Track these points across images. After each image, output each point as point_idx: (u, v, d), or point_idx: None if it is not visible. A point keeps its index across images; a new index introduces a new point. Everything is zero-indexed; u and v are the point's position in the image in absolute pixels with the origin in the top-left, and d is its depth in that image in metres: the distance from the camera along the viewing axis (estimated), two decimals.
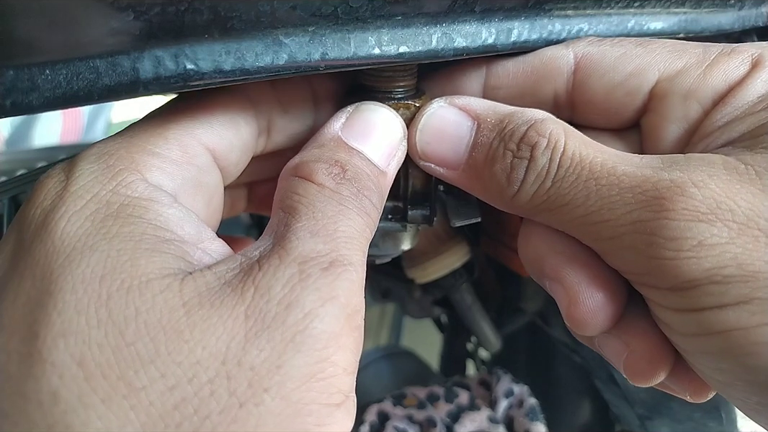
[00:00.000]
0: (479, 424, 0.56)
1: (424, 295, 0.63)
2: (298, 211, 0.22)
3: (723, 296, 0.19)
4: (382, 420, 0.57)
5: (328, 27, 0.22)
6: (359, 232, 0.22)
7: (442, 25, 0.25)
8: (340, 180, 0.23)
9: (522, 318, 0.65)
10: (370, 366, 0.75)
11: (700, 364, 0.22)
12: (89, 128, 1.49)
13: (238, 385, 0.17)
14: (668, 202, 0.20)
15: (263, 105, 0.27)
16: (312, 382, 0.18)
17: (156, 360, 0.17)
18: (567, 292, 0.24)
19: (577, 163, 0.23)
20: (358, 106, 0.27)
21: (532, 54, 0.28)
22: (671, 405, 0.56)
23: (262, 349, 0.18)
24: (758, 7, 0.32)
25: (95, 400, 0.17)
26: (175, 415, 0.17)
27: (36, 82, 0.19)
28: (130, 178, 0.21)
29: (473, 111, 0.27)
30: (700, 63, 0.25)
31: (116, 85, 0.20)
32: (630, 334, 0.24)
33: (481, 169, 0.26)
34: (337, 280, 0.20)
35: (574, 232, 0.24)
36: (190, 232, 0.21)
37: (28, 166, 0.69)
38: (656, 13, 0.29)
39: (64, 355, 0.17)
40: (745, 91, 0.24)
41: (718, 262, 0.19)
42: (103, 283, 0.18)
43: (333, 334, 0.19)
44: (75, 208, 0.20)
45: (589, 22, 0.28)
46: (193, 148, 0.24)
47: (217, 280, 0.19)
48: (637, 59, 0.26)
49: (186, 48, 0.20)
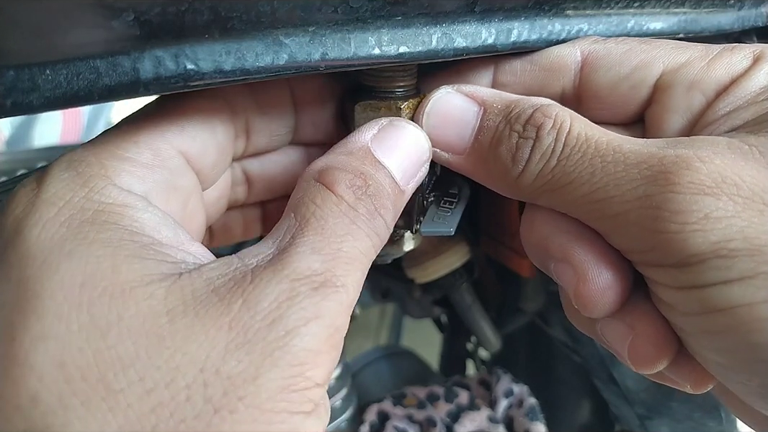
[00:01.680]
0: (479, 423, 0.56)
1: (424, 295, 0.63)
2: (309, 224, 0.22)
3: (729, 271, 0.19)
4: (382, 420, 0.57)
5: (328, 27, 0.22)
6: (363, 253, 0.23)
7: (442, 25, 0.25)
8: (360, 195, 0.23)
9: (522, 318, 0.65)
10: (370, 366, 0.75)
11: (702, 346, 0.22)
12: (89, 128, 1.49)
13: (214, 393, 0.18)
14: (674, 176, 0.20)
15: (239, 107, 0.27)
16: (285, 394, 0.19)
17: (136, 363, 0.17)
18: (575, 269, 0.24)
19: (583, 142, 0.23)
20: (392, 120, 0.27)
21: (539, 52, 0.28)
22: (671, 405, 0.56)
23: (241, 361, 0.18)
24: (758, 7, 0.32)
25: (75, 402, 0.17)
26: (152, 417, 0.17)
27: (36, 82, 0.19)
28: (101, 183, 0.21)
29: (480, 97, 0.27)
30: (704, 57, 0.26)
31: (116, 85, 0.20)
32: (634, 317, 0.24)
33: (486, 152, 0.26)
34: (324, 301, 0.20)
35: (578, 211, 0.24)
36: (167, 236, 0.21)
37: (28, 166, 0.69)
38: (656, 14, 0.29)
39: (43, 358, 0.17)
40: (748, 83, 0.24)
41: (725, 235, 0.19)
42: (84, 290, 0.18)
43: (311, 352, 0.19)
44: (48, 215, 0.20)
45: (589, 22, 0.28)
46: (165, 151, 0.24)
47: (207, 286, 0.19)
48: (642, 54, 0.26)
49: (186, 48, 0.20)
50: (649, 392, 0.56)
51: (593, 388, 0.63)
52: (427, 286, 0.58)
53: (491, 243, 0.53)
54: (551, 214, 0.25)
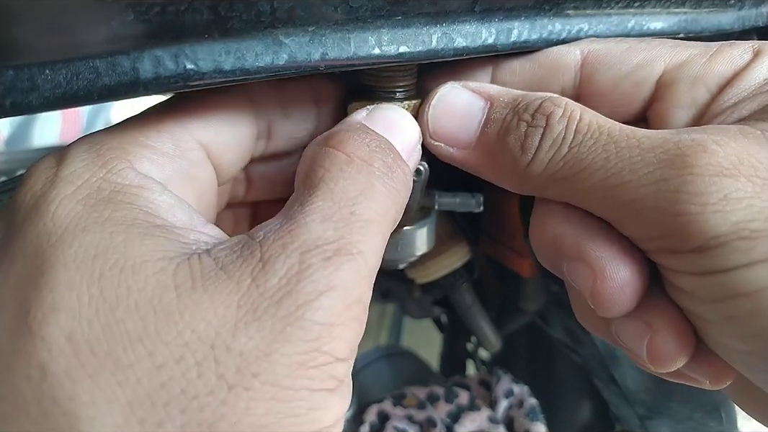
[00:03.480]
0: (479, 424, 0.56)
1: (424, 295, 0.63)
2: (318, 190, 0.21)
3: (751, 252, 0.19)
4: (382, 420, 0.57)
5: (328, 27, 0.22)
6: (381, 213, 0.22)
7: (442, 25, 0.25)
8: (375, 148, 0.23)
9: (522, 318, 0.65)
10: (370, 366, 0.75)
11: (724, 335, 0.21)
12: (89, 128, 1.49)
13: (226, 370, 0.17)
14: (691, 159, 0.20)
15: (264, 107, 0.27)
16: (302, 370, 0.18)
17: (144, 338, 0.17)
18: (592, 267, 0.23)
19: (595, 129, 0.23)
20: (378, 105, 0.27)
21: (538, 52, 0.28)
22: (671, 405, 0.56)
23: (252, 338, 0.18)
24: (758, 7, 0.32)
25: (83, 374, 0.17)
26: (162, 393, 0.17)
27: (36, 81, 0.19)
28: (120, 165, 0.21)
29: (486, 92, 0.27)
30: (705, 53, 0.26)
31: (116, 85, 0.20)
32: (652, 314, 0.23)
33: (494, 144, 0.26)
34: (338, 271, 0.19)
35: (591, 199, 0.23)
36: (182, 218, 0.21)
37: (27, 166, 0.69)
38: (656, 13, 0.29)
39: (54, 330, 0.17)
40: (751, 74, 0.24)
41: (745, 215, 0.19)
42: (96, 262, 0.18)
43: (325, 326, 0.19)
44: (66, 192, 0.20)
45: (589, 22, 0.28)
46: (186, 142, 0.24)
47: (215, 264, 0.19)
48: (643, 52, 0.26)
49: (186, 48, 0.20)
50: (649, 392, 0.56)
51: (593, 389, 0.63)
52: (427, 286, 0.58)
53: (491, 243, 0.53)
54: (562, 213, 0.25)
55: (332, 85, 0.30)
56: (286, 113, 0.28)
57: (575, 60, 0.28)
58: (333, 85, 0.30)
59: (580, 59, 0.28)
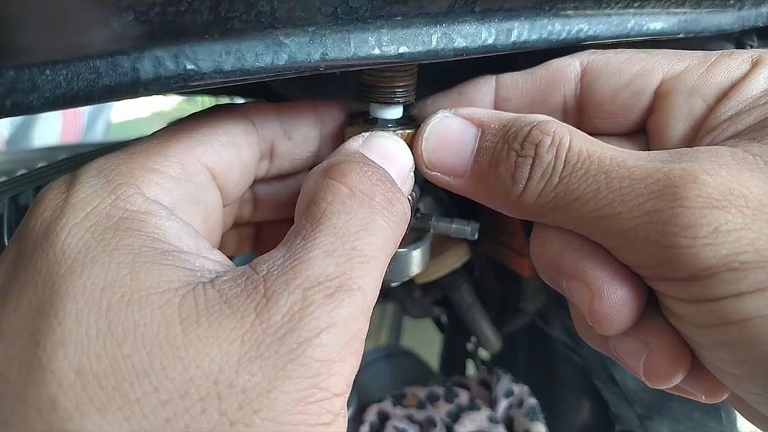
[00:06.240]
0: (479, 424, 0.56)
1: (424, 295, 0.63)
2: (321, 224, 0.22)
3: (741, 284, 0.19)
4: (382, 420, 0.57)
5: (328, 27, 0.22)
6: (381, 248, 0.22)
7: (442, 25, 0.25)
8: (376, 181, 0.23)
9: (522, 318, 0.65)
10: (370, 366, 0.75)
11: (715, 358, 0.21)
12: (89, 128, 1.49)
13: (228, 406, 0.18)
14: (681, 190, 0.20)
15: (266, 129, 0.28)
16: (301, 406, 0.19)
17: (151, 374, 0.18)
18: (589, 287, 0.23)
19: (585, 158, 0.23)
20: (373, 133, 0.28)
21: (539, 66, 0.29)
22: (671, 405, 0.56)
23: (254, 375, 0.18)
24: (758, 7, 0.32)
25: (91, 409, 0.17)
26: (167, 428, 0.17)
27: (36, 82, 0.19)
28: (128, 192, 0.21)
29: (477, 119, 0.27)
30: (702, 63, 0.26)
31: (116, 85, 0.20)
32: (648, 333, 0.23)
33: (486, 173, 0.26)
34: (338, 308, 0.20)
35: (585, 228, 0.24)
36: (188, 243, 0.22)
37: (28, 166, 0.69)
38: (656, 14, 0.29)
39: (63, 364, 0.17)
40: (748, 87, 0.24)
41: (735, 248, 0.19)
42: (104, 295, 0.19)
43: (325, 362, 0.19)
44: (75, 219, 0.20)
45: (589, 22, 0.28)
46: (193, 165, 0.24)
47: (219, 297, 0.19)
48: (641, 62, 0.27)
49: (186, 48, 0.20)
50: (649, 392, 0.56)
51: (593, 388, 0.63)
52: (427, 286, 0.58)
53: (491, 243, 0.54)
54: (561, 231, 0.25)
55: (333, 107, 0.30)
56: (288, 134, 0.29)
57: (575, 71, 0.28)
58: (334, 108, 0.30)
59: (580, 70, 0.28)
